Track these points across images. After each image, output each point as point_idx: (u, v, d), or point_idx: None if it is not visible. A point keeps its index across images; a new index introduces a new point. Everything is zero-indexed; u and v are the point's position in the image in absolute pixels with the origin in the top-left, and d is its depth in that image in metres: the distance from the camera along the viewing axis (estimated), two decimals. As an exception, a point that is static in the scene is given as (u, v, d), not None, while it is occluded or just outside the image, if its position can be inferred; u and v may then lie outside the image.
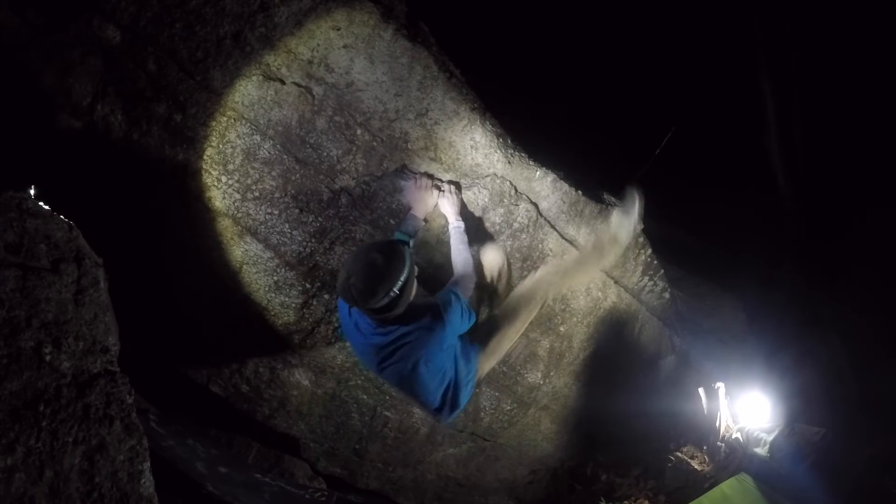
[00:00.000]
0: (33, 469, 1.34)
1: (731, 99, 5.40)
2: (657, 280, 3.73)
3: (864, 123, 5.10)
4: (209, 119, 2.49)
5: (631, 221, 2.78)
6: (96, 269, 1.74)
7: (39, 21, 2.38)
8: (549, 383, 3.40)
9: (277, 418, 2.86)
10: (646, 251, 3.54)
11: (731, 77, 5.41)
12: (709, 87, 5.25)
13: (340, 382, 2.91)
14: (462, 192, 2.80)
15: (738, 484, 3.34)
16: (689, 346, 4.24)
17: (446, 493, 3.41)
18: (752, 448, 3.71)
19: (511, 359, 3.22)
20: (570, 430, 3.67)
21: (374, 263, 1.95)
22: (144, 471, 1.53)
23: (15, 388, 1.39)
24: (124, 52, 2.42)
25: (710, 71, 5.32)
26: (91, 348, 1.60)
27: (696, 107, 4.97)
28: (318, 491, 2.95)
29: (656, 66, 5.45)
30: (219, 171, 2.54)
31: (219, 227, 2.59)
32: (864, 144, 5.09)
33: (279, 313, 2.72)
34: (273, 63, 2.50)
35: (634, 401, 3.87)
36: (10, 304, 1.48)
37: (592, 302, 3.42)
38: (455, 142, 2.77)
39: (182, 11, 2.40)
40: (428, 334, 2.10)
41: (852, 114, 5.15)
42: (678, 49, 5.37)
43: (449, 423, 2.88)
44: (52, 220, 1.74)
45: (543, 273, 2.69)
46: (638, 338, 3.80)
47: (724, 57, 5.34)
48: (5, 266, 1.53)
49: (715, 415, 3.87)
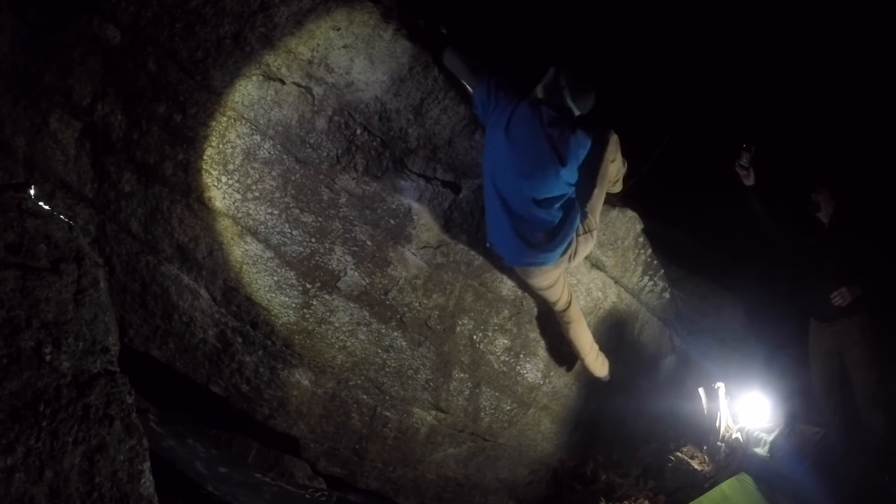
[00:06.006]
0: (33, 469, 1.34)
1: (731, 99, 5.40)
2: (657, 280, 3.73)
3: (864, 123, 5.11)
4: (209, 119, 2.49)
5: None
6: (96, 269, 1.73)
7: (39, 21, 2.38)
8: (549, 383, 3.40)
9: (277, 418, 2.87)
10: (646, 251, 3.54)
11: (731, 77, 5.42)
12: (709, 87, 5.25)
13: (340, 382, 2.91)
14: (462, 192, 2.81)
15: (738, 484, 3.34)
16: (689, 346, 4.24)
17: (446, 493, 3.42)
18: (752, 448, 3.71)
19: (511, 358, 3.22)
20: (570, 430, 3.68)
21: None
22: (144, 471, 1.53)
23: (15, 388, 1.39)
24: (124, 52, 2.42)
25: (711, 71, 5.32)
26: (91, 348, 1.60)
27: (696, 107, 4.97)
28: (318, 491, 2.95)
29: (656, 66, 5.45)
30: (219, 171, 2.54)
31: (219, 227, 2.59)
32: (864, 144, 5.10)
33: (279, 313, 2.73)
34: (273, 63, 2.50)
35: (634, 401, 3.87)
36: (10, 304, 1.48)
37: (593, 302, 3.42)
38: (455, 141, 2.77)
39: (182, 11, 2.40)
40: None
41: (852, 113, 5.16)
42: (678, 49, 5.38)
43: (527, 262, 2.72)
44: (52, 220, 1.74)
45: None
46: (638, 338, 3.80)
47: (724, 57, 5.35)
48: (5, 266, 1.53)
49: (715, 415, 3.87)
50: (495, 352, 3.17)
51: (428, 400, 3.10)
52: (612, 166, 2.80)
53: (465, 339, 3.08)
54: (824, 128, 5.31)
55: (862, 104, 5.18)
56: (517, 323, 3.19)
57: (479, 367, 3.15)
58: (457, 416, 3.20)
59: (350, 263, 2.76)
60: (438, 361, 3.06)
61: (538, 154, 2.48)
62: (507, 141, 2.47)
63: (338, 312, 2.80)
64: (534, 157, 2.48)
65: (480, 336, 3.11)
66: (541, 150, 2.47)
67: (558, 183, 2.54)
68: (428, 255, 2.88)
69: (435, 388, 3.09)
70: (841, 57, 5.23)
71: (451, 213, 2.87)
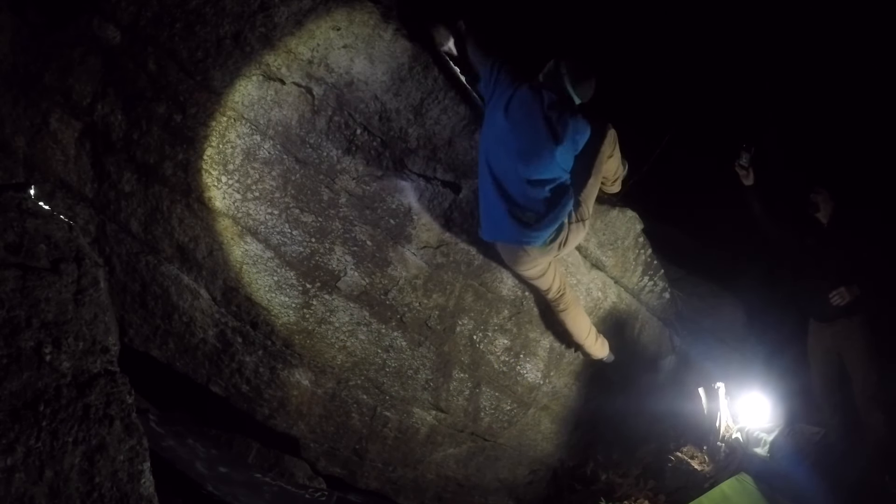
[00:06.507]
0: (33, 469, 1.34)
1: (731, 99, 5.40)
2: (657, 280, 3.73)
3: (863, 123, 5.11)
4: (209, 119, 2.49)
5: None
6: (96, 269, 1.73)
7: (39, 21, 2.38)
8: (549, 383, 3.40)
9: (277, 418, 2.87)
10: (646, 251, 3.54)
11: (731, 77, 5.42)
12: (709, 87, 5.25)
13: (340, 382, 2.91)
14: (462, 192, 2.81)
15: (738, 484, 3.34)
16: (689, 346, 4.24)
17: (446, 493, 3.42)
18: (752, 448, 3.71)
19: (511, 358, 3.22)
20: (570, 430, 3.68)
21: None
22: (144, 471, 1.53)
23: (15, 388, 1.39)
24: (124, 52, 2.42)
25: (710, 71, 5.32)
26: (91, 348, 1.60)
27: (696, 107, 4.98)
28: (318, 491, 2.95)
29: (655, 66, 5.45)
30: (219, 171, 2.54)
31: (219, 227, 2.59)
32: (864, 145, 5.10)
33: (279, 313, 2.73)
34: (273, 63, 2.50)
35: (634, 401, 3.87)
36: (10, 304, 1.48)
37: (593, 302, 3.43)
38: (455, 141, 2.77)
39: (182, 11, 2.40)
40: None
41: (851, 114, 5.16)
42: (678, 49, 5.38)
43: (526, 240, 2.68)
44: (52, 220, 1.74)
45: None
46: (638, 338, 3.80)
47: (724, 57, 5.35)
48: (5, 266, 1.53)
49: (715, 415, 3.87)
50: (495, 352, 3.17)
51: (428, 400, 3.10)
52: (610, 162, 2.85)
53: (465, 339, 3.08)
54: (824, 128, 5.32)
55: (862, 104, 5.18)
56: (517, 323, 3.19)
57: (479, 367, 3.15)
58: (457, 416, 3.20)
59: (350, 263, 2.76)
60: (438, 361, 3.06)
61: (535, 134, 2.55)
62: (506, 120, 2.54)
63: (338, 312, 2.80)
64: (530, 137, 2.55)
65: (480, 336, 3.11)
66: (537, 131, 2.55)
67: (552, 165, 2.59)
68: (428, 255, 2.88)
69: (435, 388, 3.09)
70: (841, 57, 5.23)
71: (451, 213, 2.87)
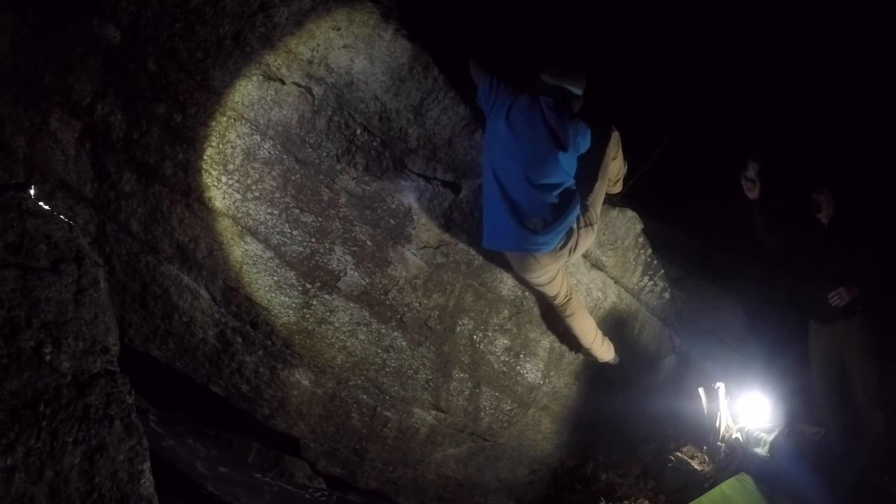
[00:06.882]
0: (33, 469, 1.34)
1: (731, 99, 5.40)
2: (657, 280, 3.73)
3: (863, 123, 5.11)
4: (209, 119, 2.49)
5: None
6: (96, 269, 1.73)
7: (39, 21, 2.38)
8: (549, 383, 3.40)
9: (277, 418, 2.87)
10: (646, 251, 3.54)
11: (730, 77, 5.41)
12: (709, 87, 5.25)
13: (340, 382, 2.91)
14: (462, 192, 2.80)
15: (738, 484, 3.34)
16: (689, 346, 4.23)
17: (446, 493, 3.42)
18: (752, 448, 3.71)
19: (511, 358, 3.22)
20: (570, 430, 3.68)
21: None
22: (144, 471, 1.53)
23: (15, 388, 1.39)
24: (124, 52, 2.42)
25: (710, 71, 5.32)
26: (91, 348, 1.60)
27: (696, 107, 4.97)
28: (318, 491, 2.95)
29: (656, 66, 5.45)
30: (219, 171, 2.54)
31: (219, 227, 2.59)
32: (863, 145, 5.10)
33: (279, 313, 2.73)
34: (273, 63, 2.50)
35: (634, 401, 3.87)
36: (10, 304, 1.48)
37: (593, 302, 3.43)
38: (455, 141, 2.77)
39: (182, 11, 2.40)
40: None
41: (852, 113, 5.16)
42: (678, 49, 5.37)
43: (532, 244, 2.66)
44: (52, 220, 1.74)
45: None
46: (638, 338, 3.80)
47: (724, 57, 5.34)
48: (5, 266, 1.53)
49: (715, 415, 3.87)
50: (495, 352, 3.17)
51: (428, 400, 3.10)
52: (614, 164, 2.87)
53: (465, 339, 3.08)
54: (824, 128, 5.31)
55: (862, 104, 5.18)
56: (517, 323, 3.19)
57: (479, 367, 3.15)
58: (457, 416, 3.20)
59: (350, 263, 2.76)
60: (438, 361, 3.06)
61: (537, 140, 2.57)
62: (508, 129, 2.56)
63: (338, 312, 2.80)
64: (533, 143, 2.57)
65: (480, 336, 3.11)
66: (540, 137, 2.57)
67: (557, 169, 2.60)
68: (428, 255, 2.88)
69: (435, 388, 3.09)
70: (841, 57, 5.23)
71: (451, 213, 2.87)
